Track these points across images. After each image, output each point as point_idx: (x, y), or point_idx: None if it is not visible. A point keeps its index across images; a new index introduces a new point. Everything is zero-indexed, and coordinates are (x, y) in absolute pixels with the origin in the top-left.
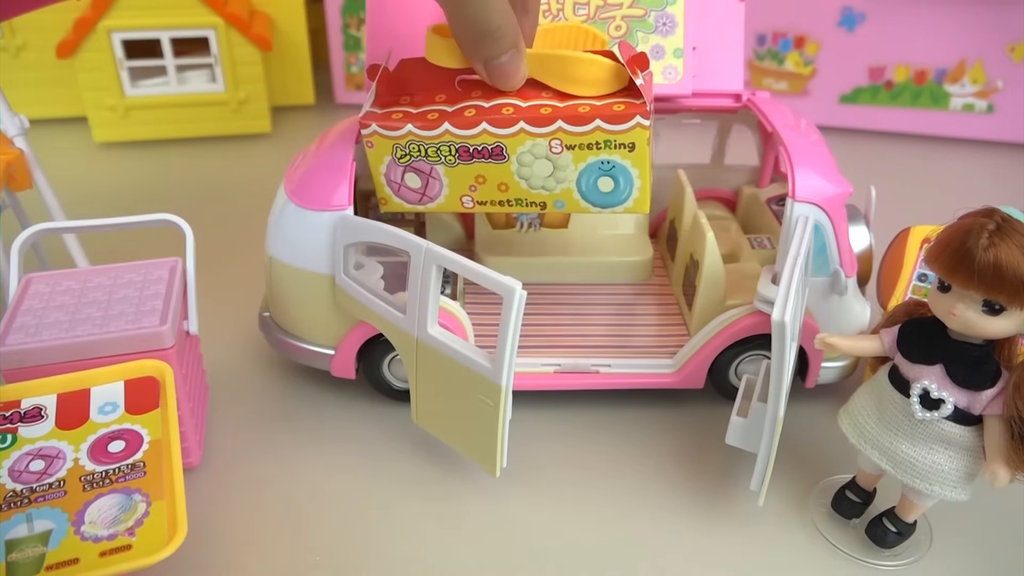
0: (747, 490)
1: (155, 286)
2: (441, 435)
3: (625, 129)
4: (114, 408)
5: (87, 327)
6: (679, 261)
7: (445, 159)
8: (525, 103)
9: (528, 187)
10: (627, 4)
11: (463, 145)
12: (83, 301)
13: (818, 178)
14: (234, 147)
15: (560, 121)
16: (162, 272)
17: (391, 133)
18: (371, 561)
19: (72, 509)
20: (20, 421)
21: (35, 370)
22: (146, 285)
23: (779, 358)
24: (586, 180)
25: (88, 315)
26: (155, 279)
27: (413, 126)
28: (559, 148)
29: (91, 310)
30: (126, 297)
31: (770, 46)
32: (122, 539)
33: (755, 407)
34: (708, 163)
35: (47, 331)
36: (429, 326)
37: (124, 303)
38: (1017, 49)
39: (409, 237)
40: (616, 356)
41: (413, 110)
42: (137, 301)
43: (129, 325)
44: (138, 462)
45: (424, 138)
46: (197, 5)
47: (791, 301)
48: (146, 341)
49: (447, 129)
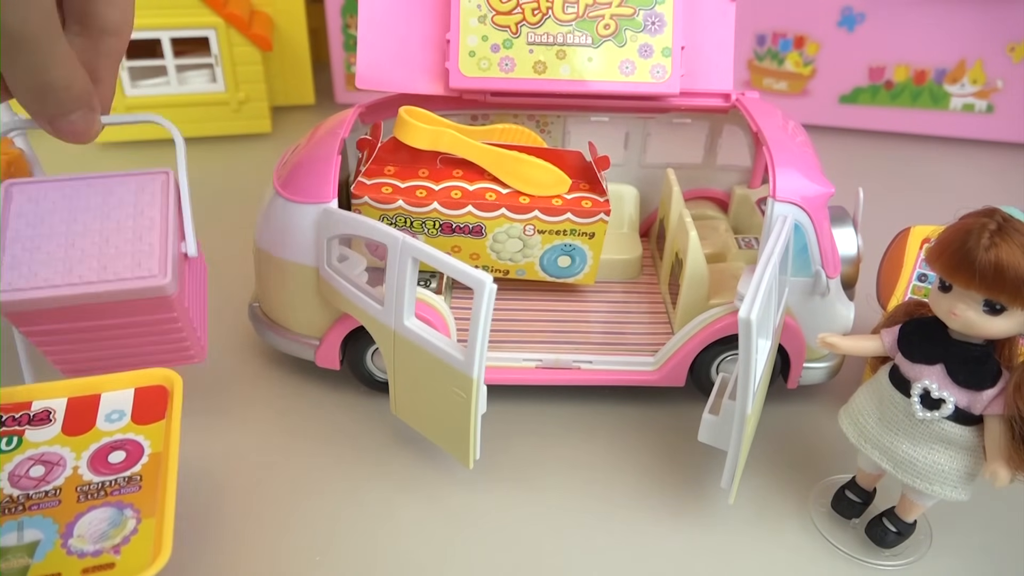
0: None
1: (149, 211)
2: (418, 426)
3: (590, 223)
4: (121, 416)
5: (84, 269)
6: (666, 260)
7: (428, 231)
8: (504, 190)
9: (497, 258)
10: (616, 3)
11: (447, 222)
12: (75, 230)
13: (800, 178)
14: (234, 147)
15: (536, 211)
16: (154, 188)
17: (382, 206)
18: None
19: (63, 520)
20: (28, 424)
21: (35, 314)
22: (139, 209)
23: (746, 356)
24: (548, 257)
25: (84, 251)
26: (148, 200)
27: (404, 202)
28: (532, 231)
29: (86, 243)
30: (120, 226)
31: (770, 46)
32: (106, 556)
33: (726, 405)
34: (700, 163)
35: (43, 271)
36: (405, 318)
37: (119, 235)
38: (1017, 49)
39: (386, 230)
40: (598, 353)
41: (400, 184)
42: (132, 233)
43: (128, 273)
44: (135, 475)
45: (412, 213)
46: (197, 5)
47: (759, 299)
48: (147, 291)
49: (435, 208)
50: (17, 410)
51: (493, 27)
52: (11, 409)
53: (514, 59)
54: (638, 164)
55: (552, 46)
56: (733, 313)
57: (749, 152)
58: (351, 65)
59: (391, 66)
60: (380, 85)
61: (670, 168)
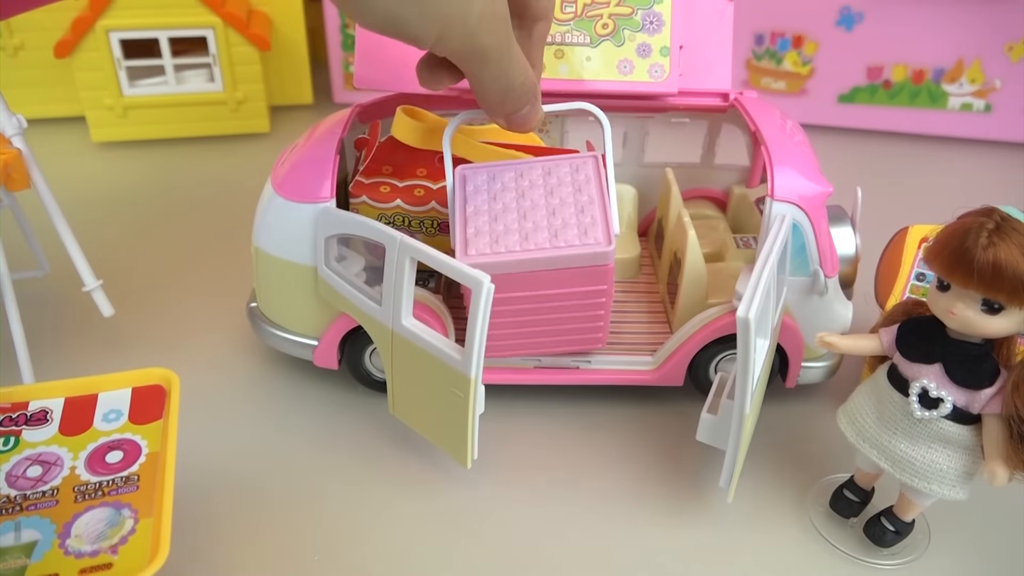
0: (741, 489)
1: (587, 188)
2: (416, 426)
3: None
4: (118, 416)
5: (538, 238)
6: (664, 259)
7: (426, 230)
8: None
9: None
10: (614, 2)
11: (445, 221)
12: (525, 205)
13: (798, 177)
14: (232, 146)
15: None
16: (588, 170)
17: (380, 205)
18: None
19: (61, 520)
20: (25, 424)
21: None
22: (577, 187)
23: (744, 355)
24: None
25: (535, 223)
26: (584, 179)
27: (402, 201)
28: None
29: (536, 216)
30: (564, 202)
31: (768, 46)
32: (104, 556)
33: (724, 404)
34: (698, 163)
35: (504, 239)
36: (403, 318)
37: (564, 209)
38: (1015, 49)
39: (384, 230)
40: (597, 352)
41: (398, 183)
42: (575, 207)
43: (576, 241)
44: (133, 475)
45: (410, 212)
46: (195, 5)
47: (757, 299)
48: (593, 258)
49: (433, 207)
50: (14, 410)
51: None
52: (8, 409)
53: None
54: (636, 164)
55: (550, 45)
56: (731, 312)
57: (747, 151)
58: (349, 65)
59: (389, 66)
60: (378, 85)
61: (668, 168)
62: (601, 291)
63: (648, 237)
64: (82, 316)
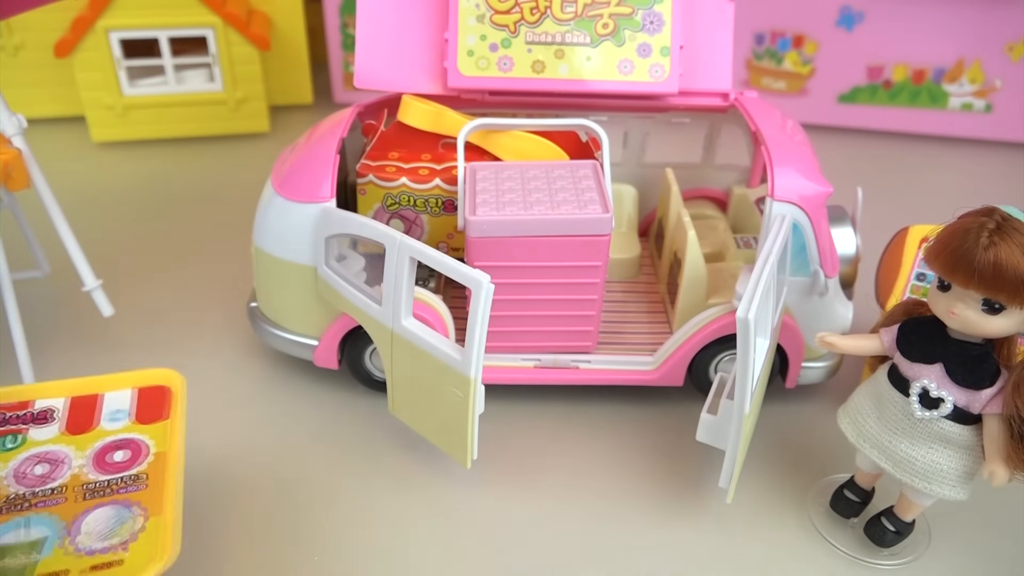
0: (741, 489)
1: (585, 182)
2: (415, 426)
3: None
4: (123, 416)
5: (539, 208)
6: (664, 259)
7: (431, 210)
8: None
9: None
10: (614, 2)
11: (449, 199)
12: (528, 188)
13: (798, 177)
14: (232, 146)
15: None
16: (586, 171)
17: (386, 184)
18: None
19: (68, 518)
20: (31, 422)
21: (496, 243)
22: (576, 182)
23: (744, 355)
24: None
25: (537, 199)
26: (582, 176)
27: (407, 179)
28: None
29: (539, 195)
30: (564, 188)
31: (768, 45)
32: (114, 554)
33: (724, 404)
34: (698, 162)
35: (507, 207)
36: (403, 318)
37: (564, 192)
38: (1016, 49)
39: (384, 229)
40: (597, 352)
41: (404, 165)
42: (575, 193)
43: (576, 209)
44: (140, 474)
45: (415, 190)
46: (195, 4)
47: (757, 299)
48: (592, 224)
49: (437, 184)
50: (20, 408)
51: (492, 26)
52: (14, 407)
53: (512, 58)
54: (637, 163)
55: (551, 45)
56: (731, 312)
57: (748, 151)
58: (349, 65)
59: (389, 65)
60: (378, 85)
61: (669, 167)
62: (596, 268)
63: (648, 237)
64: (82, 316)
